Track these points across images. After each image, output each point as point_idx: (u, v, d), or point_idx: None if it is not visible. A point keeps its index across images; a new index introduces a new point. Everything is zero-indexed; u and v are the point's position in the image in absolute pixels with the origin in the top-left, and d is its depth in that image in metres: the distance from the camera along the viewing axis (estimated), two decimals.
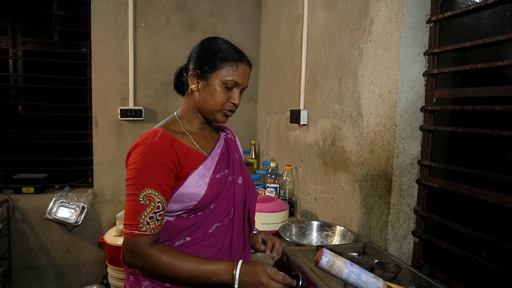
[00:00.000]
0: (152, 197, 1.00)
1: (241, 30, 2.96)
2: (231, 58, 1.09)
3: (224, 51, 1.09)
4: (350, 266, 0.90)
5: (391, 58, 1.42)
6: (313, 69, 2.07)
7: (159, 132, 1.06)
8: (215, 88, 1.09)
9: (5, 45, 2.62)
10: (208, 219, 1.11)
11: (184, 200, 1.06)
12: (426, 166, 1.41)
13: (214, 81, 1.09)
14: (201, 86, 1.11)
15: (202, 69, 1.09)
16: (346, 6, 1.74)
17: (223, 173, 1.15)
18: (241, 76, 1.10)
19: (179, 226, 1.09)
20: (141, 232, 0.99)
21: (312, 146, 2.08)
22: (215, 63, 1.08)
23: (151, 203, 1.00)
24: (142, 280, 1.10)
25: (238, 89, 1.12)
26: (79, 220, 2.61)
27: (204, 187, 1.07)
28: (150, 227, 1.00)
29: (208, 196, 1.08)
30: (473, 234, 1.18)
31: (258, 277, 0.99)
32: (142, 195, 0.99)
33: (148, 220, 0.99)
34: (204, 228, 1.11)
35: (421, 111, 1.41)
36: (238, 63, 1.09)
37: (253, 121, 3.09)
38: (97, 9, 2.61)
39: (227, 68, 1.08)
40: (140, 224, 0.99)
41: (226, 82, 1.09)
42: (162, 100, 2.81)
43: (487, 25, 1.20)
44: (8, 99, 2.66)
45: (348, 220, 1.71)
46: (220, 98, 1.10)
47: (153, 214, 1.00)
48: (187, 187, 1.06)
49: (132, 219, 1.00)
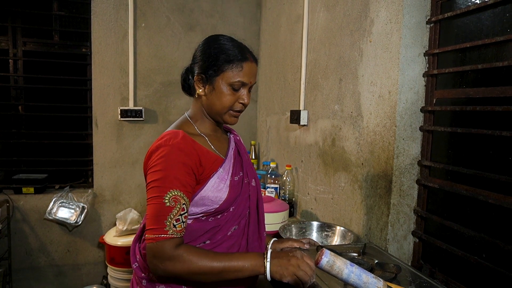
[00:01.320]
0: (178, 198, 0.97)
1: (241, 31, 2.96)
2: (235, 59, 1.06)
3: (227, 52, 1.06)
4: (350, 267, 0.90)
5: (391, 59, 1.42)
6: (313, 69, 2.07)
7: (181, 134, 1.04)
8: (222, 91, 1.07)
9: (6, 45, 2.62)
10: (228, 222, 1.10)
11: (206, 203, 1.05)
12: (426, 167, 1.41)
13: (220, 84, 1.06)
14: (207, 90, 1.09)
15: (207, 74, 1.07)
16: (346, 7, 1.74)
17: (239, 176, 1.14)
18: (247, 75, 1.07)
19: (200, 229, 1.07)
20: (168, 235, 0.94)
21: (312, 146, 2.08)
22: (219, 66, 1.05)
23: (177, 205, 0.96)
24: (157, 285, 1.08)
25: (245, 88, 1.09)
26: (79, 221, 2.61)
27: (226, 190, 1.07)
28: (177, 230, 0.96)
29: (230, 199, 1.07)
30: (473, 234, 1.18)
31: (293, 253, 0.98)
32: (168, 196, 0.96)
33: (174, 222, 0.96)
34: (223, 231, 1.10)
35: (421, 111, 1.41)
36: (242, 63, 1.06)
37: (253, 121, 3.09)
38: (97, 10, 2.62)
39: (232, 69, 1.05)
40: (167, 227, 0.95)
41: (233, 84, 1.06)
42: (162, 101, 2.81)
43: (487, 25, 1.20)
44: (8, 99, 2.66)
45: (348, 221, 1.71)
46: (228, 100, 1.07)
47: (179, 216, 0.97)
48: (208, 190, 1.04)
49: (158, 223, 0.95)
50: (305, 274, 0.95)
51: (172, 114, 2.84)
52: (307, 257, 0.99)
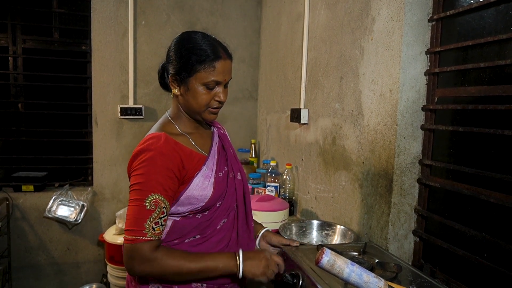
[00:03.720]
0: (158, 202, 0.99)
1: (242, 29, 2.95)
2: (207, 59, 1.05)
3: (198, 52, 1.05)
4: (351, 266, 0.89)
5: (392, 57, 1.41)
6: (313, 67, 2.06)
7: (163, 137, 1.05)
8: (197, 91, 1.07)
9: (5, 43, 2.61)
10: (216, 216, 1.13)
11: (192, 202, 1.07)
12: (427, 166, 1.40)
13: (195, 84, 1.07)
14: (182, 91, 1.09)
15: (180, 75, 1.07)
16: (347, 5, 1.73)
17: (224, 171, 1.16)
18: (221, 73, 1.07)
19: (188, 225, 1.10)
20: (146, 238, 0.98)
21: (312, 145, 2.07)
22: (191, 67, 1.05)
23: (158, 209, 0.99)
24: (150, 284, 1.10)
25: (220, 86, 1.09)
26: (78, 219, 2.61)
27: (210, 188, 1.08)
28: (155, 233, 0.99)
29: (215, 196, 1.10)
30: (474, 234, 1.17)
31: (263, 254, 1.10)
32: (149, 200, 0.98)
33: (153, 225, 0.99)
34: (213, 225, 1.13)
35: (422, 110, 1.40)
36: (214, 62, 1.05)
37: (253, 120, 3.08)
38: (97, 7, 2.61)
39: (205, 70, 1.05)
40: (146, 230, 0.98)
41: (207, 83, 1.06)
42: (162, 99, 2.81)
43: (490, 23, 1.19)
44: (8, 97, 2.66)
45: (349, 220, 1.71)
46: (204, 99, 1.08)
47: (158, 219, 1.00)
48: (193, 190, 1.06)
49: (137, 225, 0.98)
50: (273, 273, 1.09)
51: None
52: (275, 255, 1.13)
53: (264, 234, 1.35)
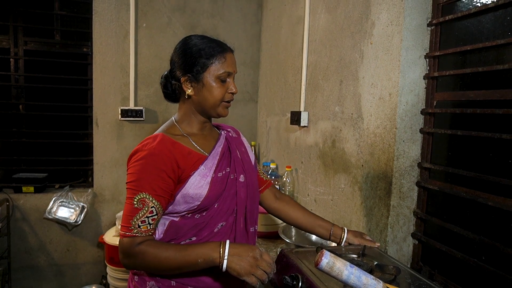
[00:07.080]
0: (146, 201, 1.02)
1: (242, 32, 2.96)
2: (216, 52, 1.11)
3: (206, 47, 1.11)
4: (350, 268, 0.90)
5: (392, 61, 1.42)
6: (313, 71, 2.07)
7: (158, 137, 1.08)
8: (212, 85, 1.12)
9: (7, 45, 2.62)
10: (213, 218, 1.13)
11: (188, 201, 1.07)
12: (426, 169, 1.41)
13: (208, 79, 1.11)
14: (197, 89, 1.13)
15: (192, 72, 1.11)
16: (347, 9, 1.74)
17: (224, 172, 1.16)
18: (231, 65, 1.14)
19: (184, 225, 1.10)
20: (132, 234, 1.01)
21: (312, 147, 2.08)
22: (204, 62, 1.10)
23: (144, 207, 1.02)
24: (148, 280, 1.12)
25: (231, 78, 1.15)
26: (78, 220, 2.61)
27: (206, 187, 1.08)
28: (141, 230, 1.02)
29: (211, 196, 1.09)
30: (473, 237, 1.18)
31: (253, 253, 1.00)
32: (137, 199, 1.02)
33: (139, 223, 1.02)
34: (209, 227, 1.13)
35: (421, 113, 1.41)
36: (224, 54, 1.12)
37: (253, 122, 3.09)
38: (98, 9, 2.62)
39: (216, 62, 1.11)
40: (132, 226, 1.01)
41: (220, 76, 1.11)
42: (163, 101, 2.76)
43: (488, 28, 1.20)
44: (9, 99, 2.67)
45: (348, 222, 1.72)
46: (219, 92, 1.13)
47: (145, 218, 1.02)
48: (189, 188, 1.07)
49: (126, 222, 1.02)
50: (263, 273, 0.99)
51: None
52: (266, 254, 1.03)
53: (347, 237, 1.34)
